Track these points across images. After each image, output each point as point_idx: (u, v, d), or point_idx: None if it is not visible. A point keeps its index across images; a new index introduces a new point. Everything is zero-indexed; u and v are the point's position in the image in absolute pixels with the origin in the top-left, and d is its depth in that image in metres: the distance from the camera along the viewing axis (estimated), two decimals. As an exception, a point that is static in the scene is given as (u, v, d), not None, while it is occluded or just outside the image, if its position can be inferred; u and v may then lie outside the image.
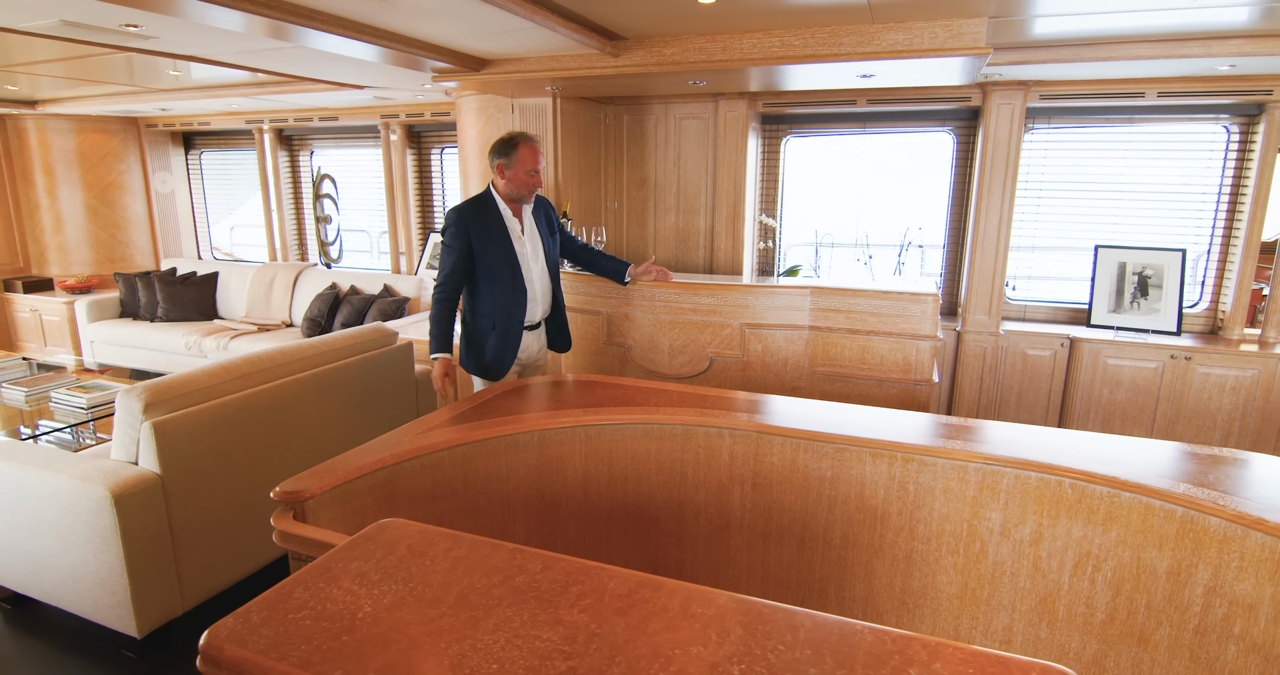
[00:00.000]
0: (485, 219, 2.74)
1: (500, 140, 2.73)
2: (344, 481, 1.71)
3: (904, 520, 1.94)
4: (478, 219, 2.74)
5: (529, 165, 2.68)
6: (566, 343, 3.16)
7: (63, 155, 6.43)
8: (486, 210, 2.76)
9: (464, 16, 2.47)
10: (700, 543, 2.17)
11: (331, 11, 2.47)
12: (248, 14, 2.26)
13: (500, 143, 2.72)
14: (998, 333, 4.18)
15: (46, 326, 6.44)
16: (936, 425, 2.02)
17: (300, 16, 2.42)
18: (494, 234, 2.73)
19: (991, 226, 4.08)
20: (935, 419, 2.08)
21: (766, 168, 4.97)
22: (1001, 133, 3.92)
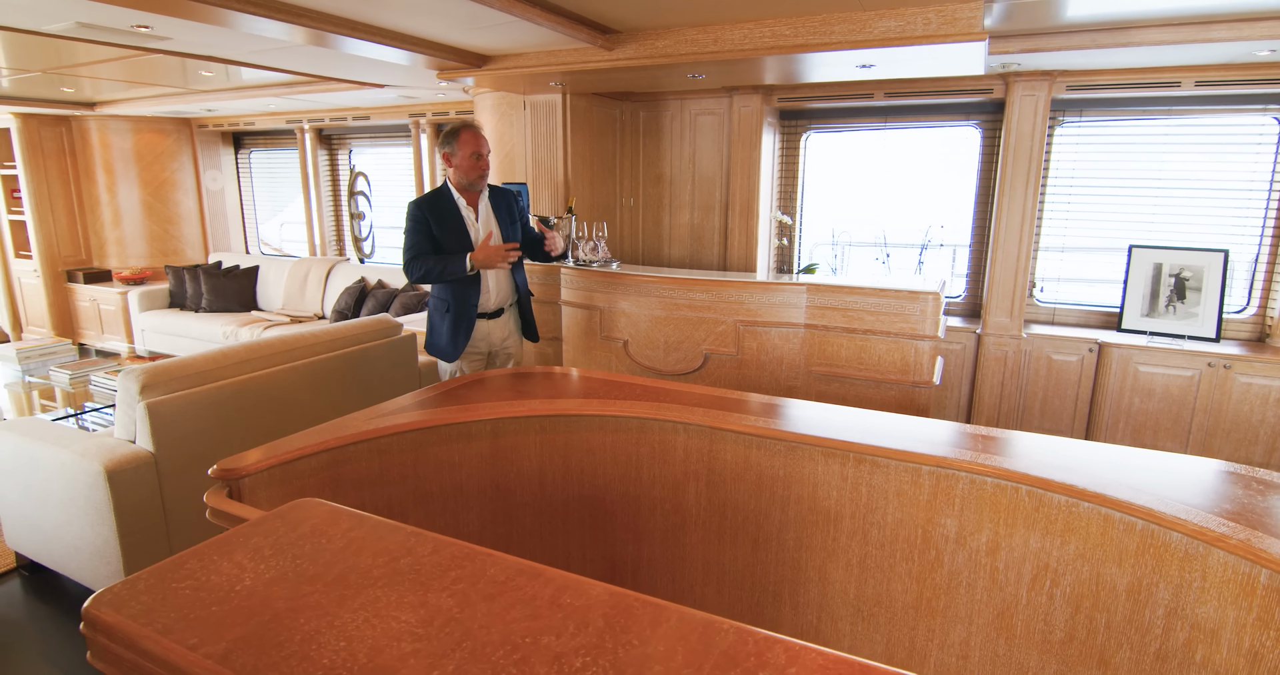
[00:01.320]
0: (441, 209, 2.87)
1: (444, 132, 2.87)
2: (283, 461, 1.74)
3: (857, 523, 1.85)
4: (434, 209, 2.87)
5: (470, 149, 2.80)
6: (533, 333, 3.20)
7: (121, 154, 6.83)
8: (442, 201, 2.89)
9: (444, 13, 2.50)
10: (657, 539, 2.13)
11: (323, 10, 2.53)
12: (236, 12, 2.34)
13: (444, 134, 2.87)
14: (1020, 336, 3.98)
15: (103, 315, 6.84)
16: (895, 424, 1.93)
17: (290, 14, 2.49)
18: (449, 223, 2.86)
19: (1014, 225, 3.88)
20: (897, 419, 1.98)
21: (785, 164, 4.87)
22: (1025, 126, 3.72)
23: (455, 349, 2.99)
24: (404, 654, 1.00)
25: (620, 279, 3.47)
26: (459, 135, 2.82)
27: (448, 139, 2.85)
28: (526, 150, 4.35)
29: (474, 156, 2.83)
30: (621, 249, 5.01)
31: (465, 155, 2.83)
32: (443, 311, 2.99)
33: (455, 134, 2.83)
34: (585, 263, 3.73)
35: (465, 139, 2.82)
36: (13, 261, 7.03)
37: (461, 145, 2.83)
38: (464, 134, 2.83)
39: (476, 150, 2.83)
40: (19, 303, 7.17)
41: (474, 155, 2.83)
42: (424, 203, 2.91)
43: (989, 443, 1.80)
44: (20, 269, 7.01)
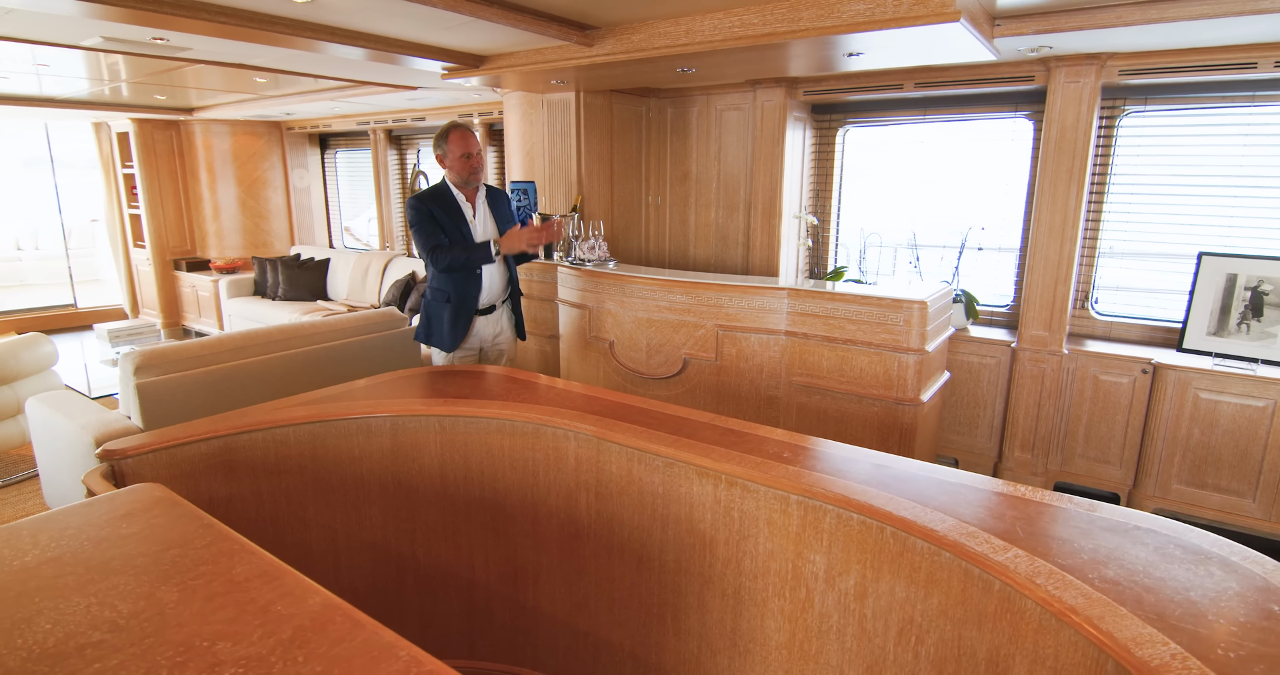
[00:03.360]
0: (442, 204, 2.93)
1: (436, 134, 2.91)
2: (170, 445, 1.83)
3: (731, 551, 1.70)
4: (435, 204, 2.93)
5: (460, 150, 2.85)
6: (521, 331, 3.22)
7: (220, 155, 7.50)
8: (442, 196, 2.95)
9: (406, 15, 2.53)
10: (555, 548, 2.06)
11: (296, 18, 2.64)
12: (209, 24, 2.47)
13: (436, 136, 2.91)
14: (1061, 352, 3.55)
15: (200, 300, 7.56)
16: (776, 445, 1.75)
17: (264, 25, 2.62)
18: (450, 217, 2.92)
19: (1053, 228, 3.46)
20: (789, 437, 1.80)
21: (819, 161, 4.60)
22: (1068, 116, 3.30)
23: (454, 339, 3.03)
24: (85, 644, 1.01)
25: (607, 278, 3.41)
26: (449, 136, 2.88)
27: (439, 140, 2.92)
28: (544, 148, 4.36)
29: (464, 157, 2.88)
30: (648, 249, 4.93)
31: (456, 156, 2.89)
32: (443, 302, 3.04)
33: (445, 135, 2.89)
34: (581, 261, 3.69)
35: (454, 139, 2.88)
36: (132, 251, 7.91)
37: (452, 146, 2.88)
38: (453, 135, 2.88)
39: (466, 151, 2.88)
40: (136, 287, 8.06)
41: (464, 156, 2.88)
42: (426, 198, 2.96)
43: (877, 471, 1.60)
44: (137, 258, 7.87)
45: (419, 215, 2.92)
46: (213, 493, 1.92)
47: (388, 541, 2.15)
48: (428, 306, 3.12)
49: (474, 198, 2.99)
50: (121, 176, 7.60)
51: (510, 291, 3.17)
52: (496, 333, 3.15)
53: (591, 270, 3.50)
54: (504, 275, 3.09)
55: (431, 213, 2.91)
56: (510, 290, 3.17)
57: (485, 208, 3.03)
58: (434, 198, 2.94)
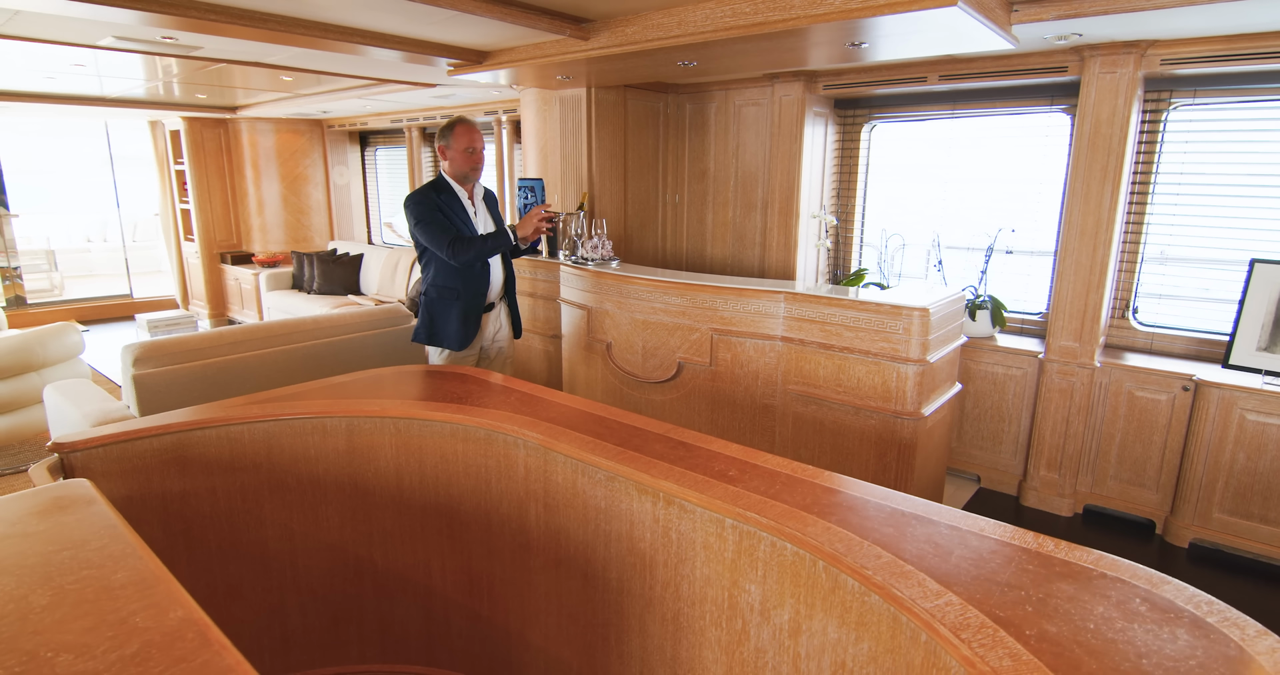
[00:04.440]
0: (445, 198, 2.90)
1: (441, 127, 2.90)
2: (121, 440, 1.83)
3: (670, 573, 1.59)
4: (440, 197, 2.89)
5: (464, 144, 2.84)
6: (518, 329, 3.19)
7: (265, 152, 7.74)
8: (443, 191, 2.92)
9: (389, 10, 2.50)
10: (507, 557, 1.99)
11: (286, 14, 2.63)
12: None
13: (441, 128, 2.90)
14: (1092, 364, 3.29)
15: (243, 293, 7.83)
16: (725, 462, 1.63)
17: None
18: (455, 210, 2.89)
19: (1085, 231, 3.20)
20: (741, 454, 1.67)
21: (843, 158, 4.41)
22: (1104, 110, 3.04)
23: (465, 338, 2.97)
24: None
25: (605, 278, 3.33)
26: (454, 130, 2.86)
27: (444, 133, 2.90)
28: (557, 145, 4.31)
29: (468, 151, 2.86)
30: (664, 248, 4.83)
31: (459, 149, 2.86)
32: (451, 300, 2.98)
33: (451, 128, 2.87)
34: (584, 260, 3.62)
35: (459, 133, 2.85)
36: (183, 244, 8.25)
37: (456, 139, 2.86)
38: (458, 128, 2.86)
39: (470, 145, 2.86)
40: (187, 279, 8.40)
41: (468, 150, 2.85)
42: (428, 190, 2.91)
43: (826, 496, 1.46)
44: (188, 251, 8.20)
45: (426, 209, 2.84)
46: (165, 489, 1.92)
47: (345, 543, 2.12)
48: (431, 305, 3.05)
49: (473, 194, 2.98)
50: (174, 173, 7.93)
51: (509, 288, 3.15)
52: (496, 330, 3.13)
53: (591, 269, 3.42)
54: (505, 270, 3.08)
55: (438, 207, 2.86)
56: (508, 286, 3.14)
57: (483, 206, 3.03)
58: (437, 191, 2.89)
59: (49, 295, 9.41)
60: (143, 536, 1.93)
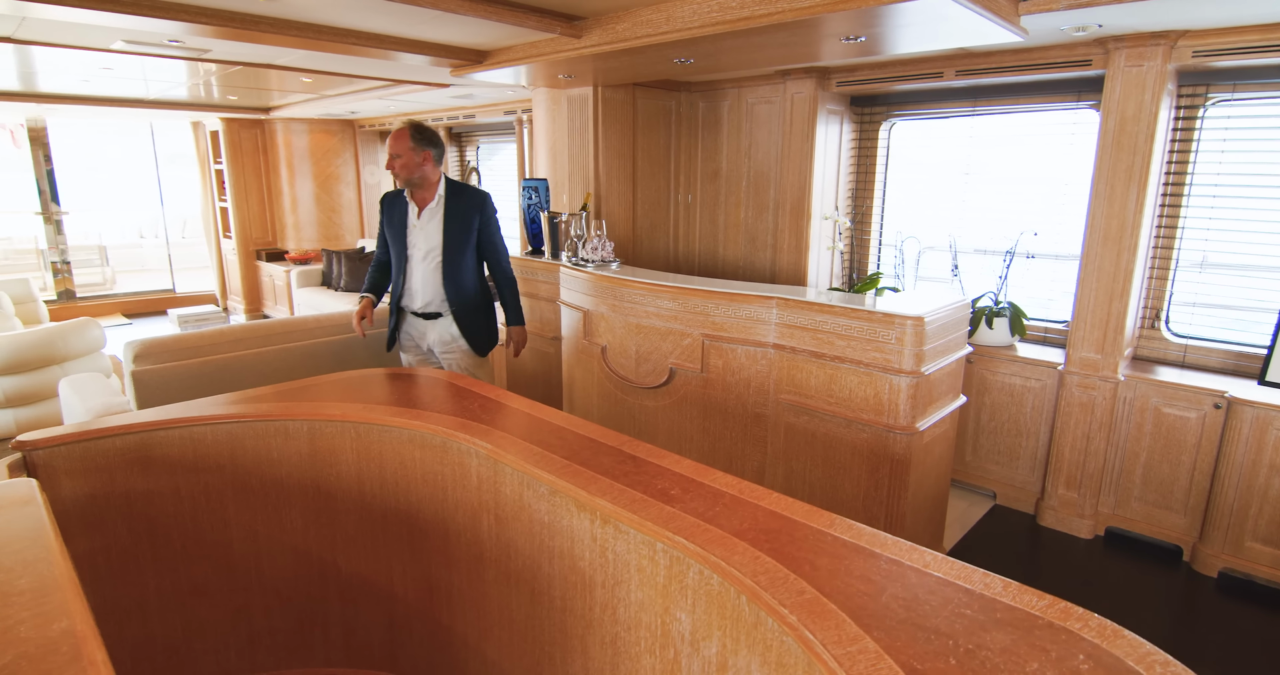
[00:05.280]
0: (395, 205, 2.96)
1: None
2: (84, 438, 1.85)
3: (608, 595, 1.52)
4: (391, 205, 2.99)
5: (388, 152, 2.83)
6: (480, 345, 3.06)
7: (299, 152, 7.92)
8: (398, 198, 2.96)
9: (372, 9, 2.49)
10: (463, 568, 1.95)
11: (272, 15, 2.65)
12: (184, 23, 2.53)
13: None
14: (1116, 378, 3.08)
15: (276, 289, 8.03)
16: (671, 479, 1.55)
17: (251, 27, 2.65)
18: (396, 219, 2.95)
19: (1110, 235, 3.00)
20: (692, 471, 1.59)
21: (860, 158, 4.25)
22: (1129, 106, 2.84)
23: (389, 339, 3.15)
24: None
25: (601, 281, 3.26)
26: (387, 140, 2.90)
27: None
28: (564, 145, 4.26)
29: (391, 158, 2.81)
30: (676, 250, 4.74)
31: (388, 159, 2.84)
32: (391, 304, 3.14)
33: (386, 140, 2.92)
34: (584, 262, 3.56)
35: (387, 143, 2.87)
36: (222, 241, 8.51)
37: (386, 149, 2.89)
38: (387, 139, 2.88)
39: (389, 153, 2.83)
40: (225, 275, 8.67)
41: (390, 158, 2.82)
42: (387, 197, 3.04)
43: (769, 520, 1.37)
44: (226, 247, 8.45)
45: (380, 215, 3.03)
46: (129, 487, 1.93)
47: (309, 546, 2.11)
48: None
49: (424, 203, 2.90)
50: (214, 172, 8.18)
51: (457, 301, 2.97)
52: (445, 343, 3.05)
53: (588, 271, 3.36)
54: (436, 280, 2.94)
55: (384, 212, 2.99)
56: (453, 299, 2.97)
57: (439, 216, 2.89)
58: (394, 198, 2.98)
59: (102, 289, 9.84)
60: (107, 536, 1.97)
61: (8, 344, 3.69)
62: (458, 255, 2.91)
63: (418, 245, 2.91)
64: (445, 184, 2.91)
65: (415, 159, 2.77)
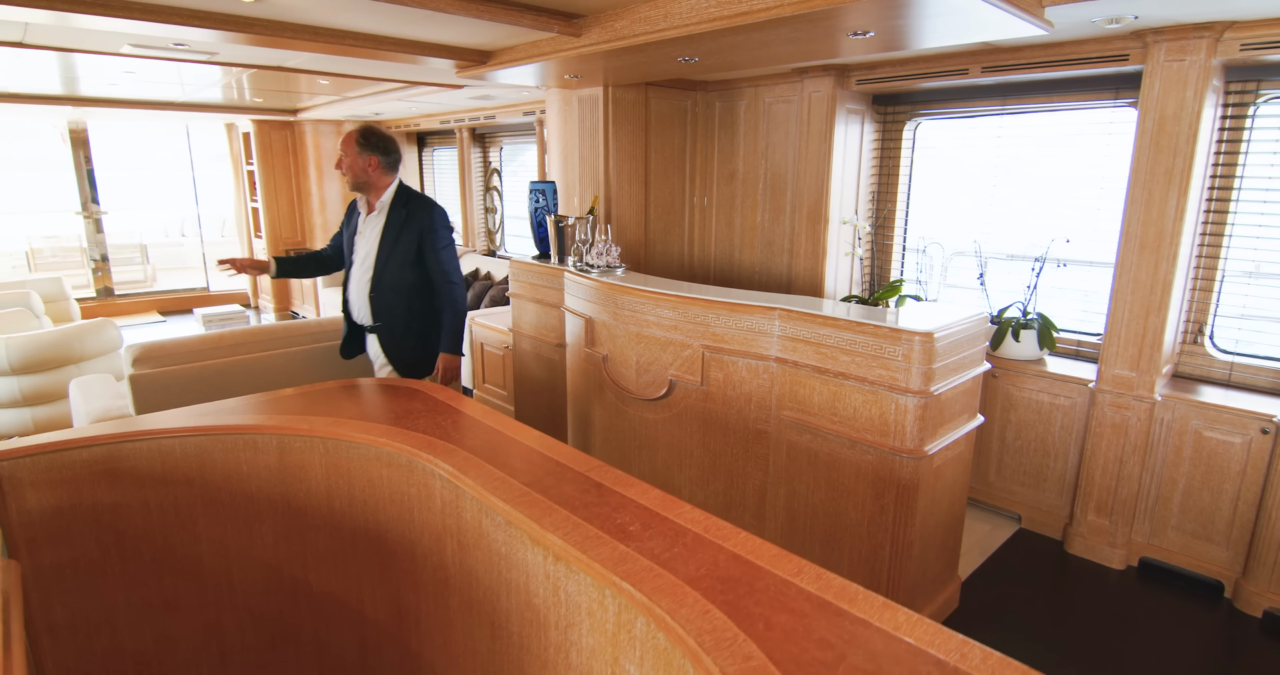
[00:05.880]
0: (354, 208, 2.92)
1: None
2: (48, 450, 1.82)
3: (562, 637, 1.41)
4: (353, 207, 2.94)
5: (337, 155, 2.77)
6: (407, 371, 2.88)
7: (327, 152, 8.00)
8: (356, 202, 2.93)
9: (364, 10, 2.42)
10: (430, 594, 1.87)
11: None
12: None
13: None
14: (1152, 397, 2.86)
15: (303, 288, 8.14)
16: (634, 512, 1.43)
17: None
18: (351, 222, 2.89)
19: (1147, 243, 2.77)
20: (659, 504, 1.46)
21: (882, 158, 4.06)
22: (1169, 104, 2.61)
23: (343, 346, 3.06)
24: None
25: (602, 288, 3.16)
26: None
27: None
28: (575, 146, 4.17)
29: (338, 160, 2.75)
30: (691, 255, 4.61)
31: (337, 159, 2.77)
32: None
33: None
34: (589, 267, 3.46)
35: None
36: (254, 241, 8.66)
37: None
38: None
39: (338, 154, 2.78)
40: (256, 274, 8.82)
41: (338, 159, 2.75)
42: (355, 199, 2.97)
43: (730, 566, 1.24)
44: (257, 247, 8.59)
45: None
46: (96, 500, 1.90)
47: (280, 563, 2.06)
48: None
49: (372, 208, 2.79)
50: (246, 173, 8.33)
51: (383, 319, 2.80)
52: (377, 362, 2.94)
53: (591, 278, 3.26)
54: (364, 293, 2.79)
55: (347, 213, 2.95)
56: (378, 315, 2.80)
57: (380, 224, 2.75)
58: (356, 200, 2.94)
59: (142, 286, 10.14)
60: (74, 548, 1.93)
61: (25, 344, 3.76)
62: (390, 269, 2.74)
63: (358, 252, 2.82)
64: (395, 192, 2.77)
65: (360, 163, 2.68)
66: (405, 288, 2.76)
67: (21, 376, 3.80)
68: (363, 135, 2.70)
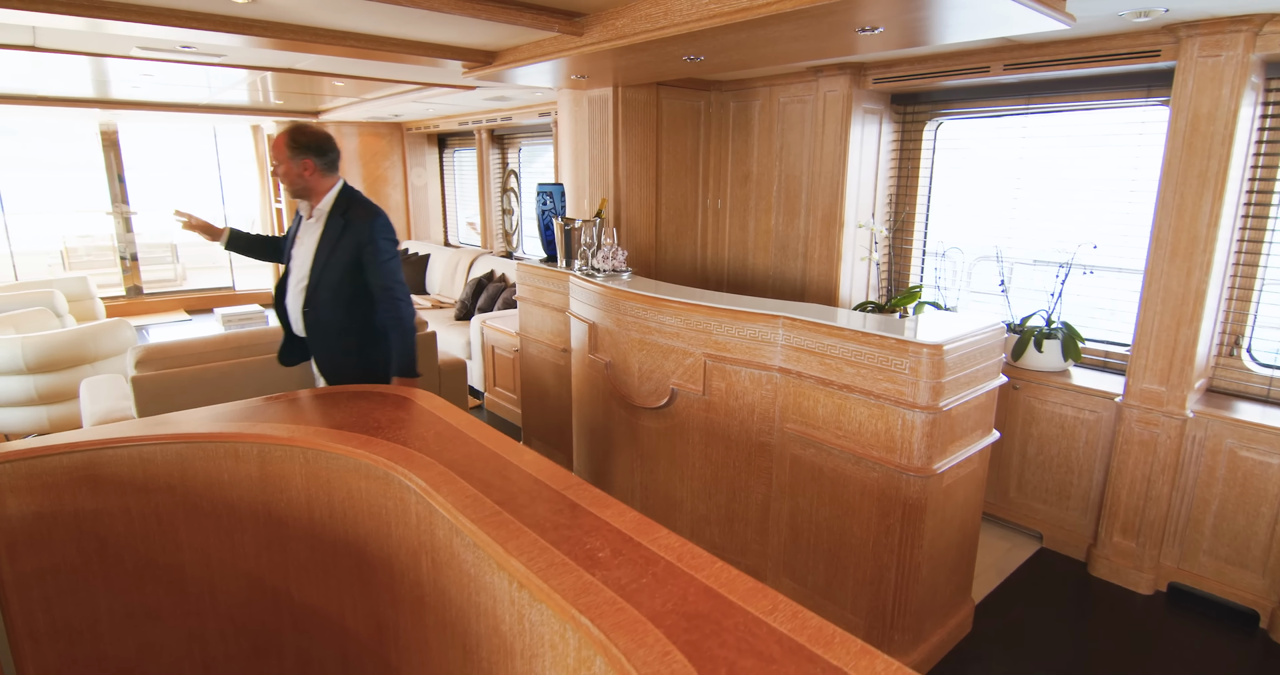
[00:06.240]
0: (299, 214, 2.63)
1: None
2: (29, 456, 1.80)
3: (527, 666, 1.34)
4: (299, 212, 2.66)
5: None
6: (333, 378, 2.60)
7: (349, 154, 8.06)
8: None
9: (357, 10, 2.38)
10: (408, 610, 1.81)
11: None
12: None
13: None
14: (1184, 413, 2.69)
15: (324, 289, 8.21)
16: (606, 537, 1.35)
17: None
18: (292, 228, 2.63)
19: (1178, 250, 2.61)
20: (633, 528, 1.38)
21: (901, 160, 3.93)
22: (1204, 102, 2.45)
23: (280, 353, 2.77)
24: None
25: (607, 293, 3.09)
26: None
27: None
28: (585, 148, 4.11)
29: (274, 168, 2.51)
30: (704, 259, 4.52)
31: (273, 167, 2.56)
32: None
33: None
34: (594, 271, 3.40)
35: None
36: (277, 241, 8.77)
37: None
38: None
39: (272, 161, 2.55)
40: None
41: (274, 167, 2.51)
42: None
43: (696, 599, 1.16)
44: (281, 247, 8.71)
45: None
46: (78, 506, 1.88)
47: (262, 573, 2.02)
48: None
49: (311, 215, 2.52)
50: (270, 174, 8.43)
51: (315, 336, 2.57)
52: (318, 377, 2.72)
53: (595, 282, 3.19)
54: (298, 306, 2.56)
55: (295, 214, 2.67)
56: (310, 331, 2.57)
57: (317, 233, 2.49)
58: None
59: (172, 285, 10.34)
60: (56, 554, 1.92)
61: (41, 343, 3.82)
62: (324, 282, 2.47)
63: (295, 259, 2.55)
64: (336, 198, 2.49)
65: (294, 168, 2.41)
66: (342, 302, 2.50)
67: (38, 375, 3.86)
68: (292, 137, 2.41)
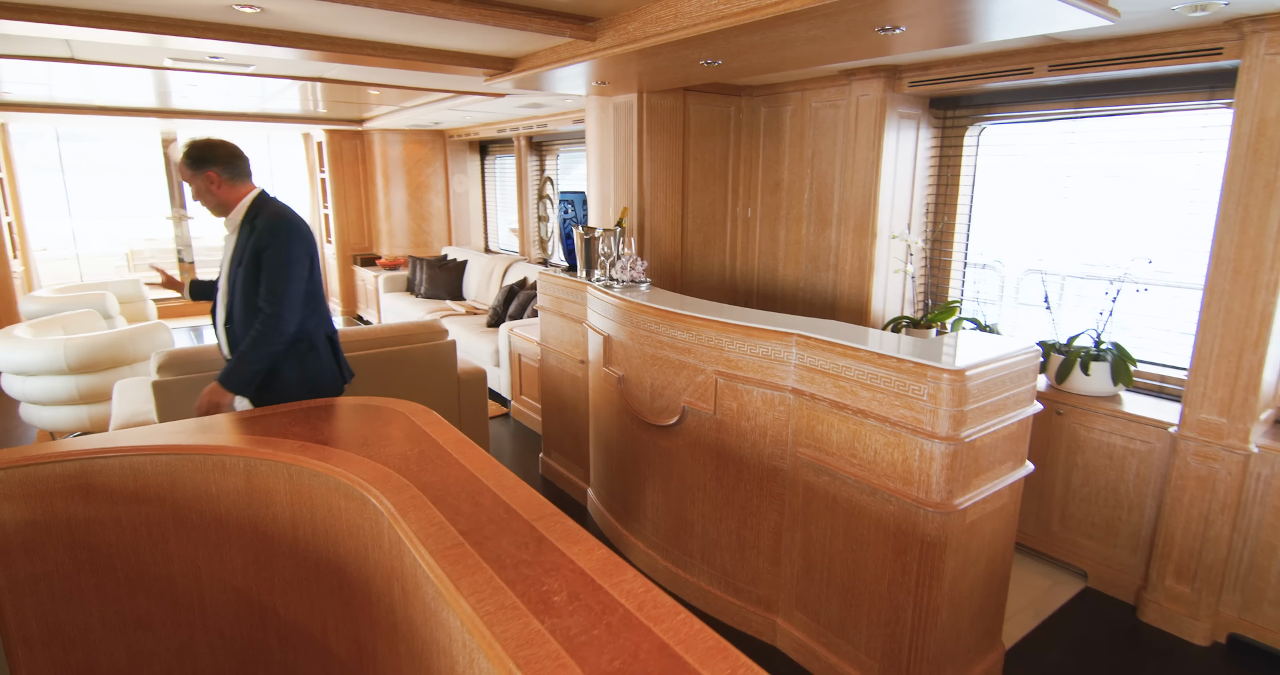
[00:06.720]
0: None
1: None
2: (21, 464, 1.82)
3: (478, 714, 1.25)
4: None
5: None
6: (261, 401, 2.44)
7: (393, 161, 8.22)
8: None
9: (358, 17, 2.37)
10: (384, 635, 1.75)
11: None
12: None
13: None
14: (1246, 448, 2.44)
15: (367, 293, 8.38)
16: (567, 577, 1.25)
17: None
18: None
19: (1242, 268, 2.36)
20: (597, 569, 1.28)
21: (941, 167, 3.73)
22: (1271, 106, 2.21)
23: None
24: None
25: (620, 305, 3.00)
26: None
27: None
28: (610, 155, 4.04)
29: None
30: (733, 269, 4.39)
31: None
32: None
33: None
34: (612, 282, 3.31)
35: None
36: (325, 246, 9.00)
37: None
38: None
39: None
40: (326, 279, 9.17)
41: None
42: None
43: (648, 658, 1.05)
44: (327, 252, 8.93)
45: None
46: (70, 514, 1.89)
47: (249, 588, 2.00)
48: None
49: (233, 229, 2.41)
50: (319, 180, 8.67)
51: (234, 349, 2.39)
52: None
53: (611, 294, 3.10)
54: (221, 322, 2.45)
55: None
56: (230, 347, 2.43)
57: (231, 245, 2.41)
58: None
59: (228, 287, 10.73)
60: (48, 562, 1.93)
61: (82, 345, 3.95)
62: (239, 297, 2.35)
63: (221, 276, 2.48)
64: (250, 205, 2.37)
65: (200, 183, 2.31)
66: (252, 313, 2.36)
67: (79, 376, 4.00)
68: (187, 155, 2.32)
